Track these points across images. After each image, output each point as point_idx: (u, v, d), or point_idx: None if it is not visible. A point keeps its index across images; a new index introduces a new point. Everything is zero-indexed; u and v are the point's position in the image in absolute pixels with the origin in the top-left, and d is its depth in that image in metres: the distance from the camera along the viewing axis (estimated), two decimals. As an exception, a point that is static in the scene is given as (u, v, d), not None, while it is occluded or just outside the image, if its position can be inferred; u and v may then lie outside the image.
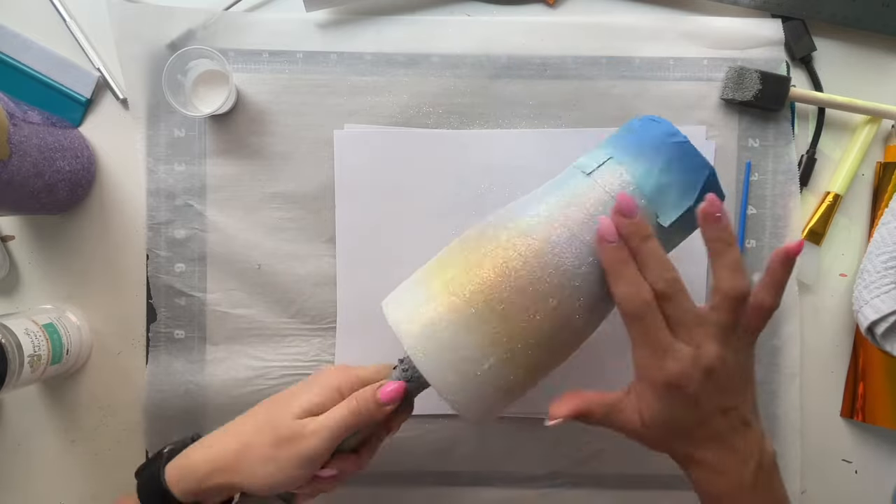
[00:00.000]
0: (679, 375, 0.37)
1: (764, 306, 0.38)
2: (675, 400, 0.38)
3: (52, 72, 0.55)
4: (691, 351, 0.37)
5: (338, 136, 0.55)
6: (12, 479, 0.56)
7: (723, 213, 0.38)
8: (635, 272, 0.38)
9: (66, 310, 0.56)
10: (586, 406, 0.40)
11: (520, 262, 0.39)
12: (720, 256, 0.38)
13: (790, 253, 0.38)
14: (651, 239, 0.38)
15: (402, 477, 0.56)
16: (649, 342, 0.38)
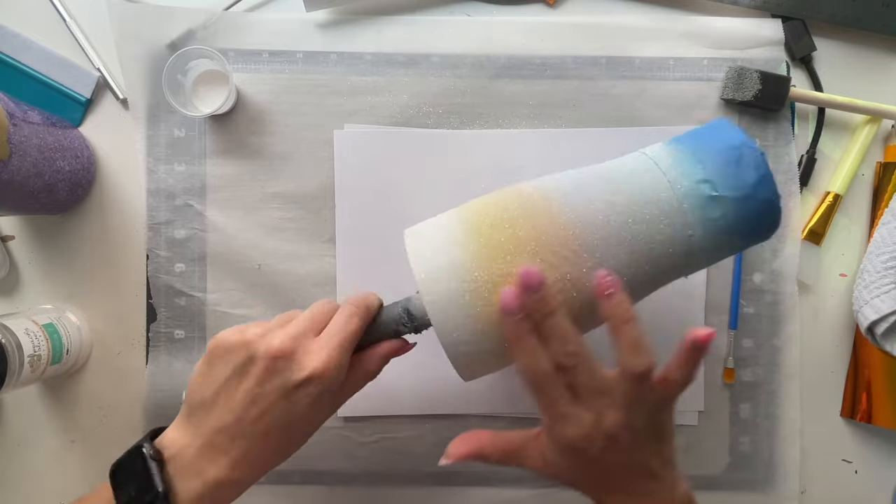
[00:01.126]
0: (579, 440, 0.38)
1: (672, 381, 0.38)
2: (577, 460, 0.39)
3: (52, 72, 0.55)
4: (592, 417, 0.37)
5: (338, 136, 0.55)
6: (12, 479, 0.56)
7: (616, 290, 0.37)
8: (534, 344, 0.38)
9: (66, 310, 0.56)
10: (481, 448, 0.41)
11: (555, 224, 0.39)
12: (618, 332, 0.37)
13: (697, 342, 0.37)
14: (554, 314, 0.37)
15: (403, 477, 0.56)
16: (548, 408, 0.38)
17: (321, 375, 0.39)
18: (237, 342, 0.40)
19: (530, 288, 0.37)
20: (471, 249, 0.40)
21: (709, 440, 0.56)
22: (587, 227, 0.39)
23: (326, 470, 0.56)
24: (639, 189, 0.41)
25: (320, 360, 0.39)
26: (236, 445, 0.39)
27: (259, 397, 0.39)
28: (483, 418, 0.56)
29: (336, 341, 0.40)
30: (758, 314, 0.56)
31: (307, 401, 0.39)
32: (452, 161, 0.55)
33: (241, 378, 0.40)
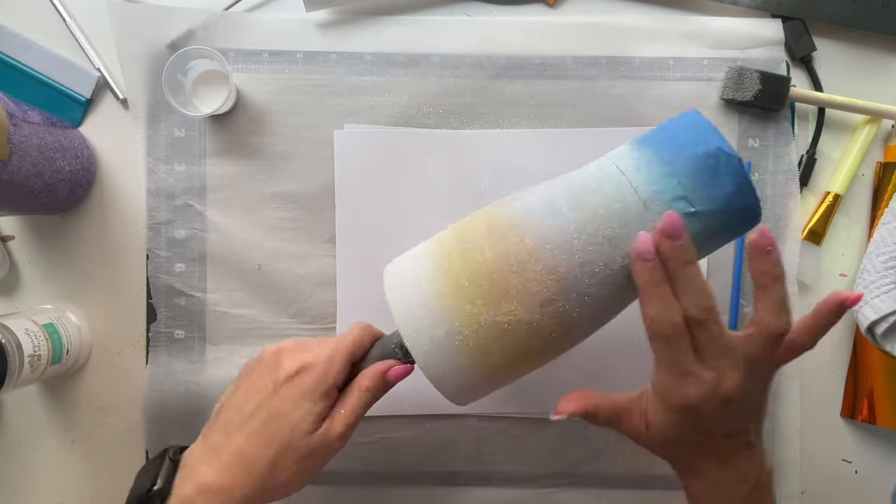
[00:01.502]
0: (697, 400, 0.37)
1: (798, 346, 0.38)
2: (687, 420, 0.38)
3: (52, 72, 0.55)
4: (713, 378, 0.37)
5: (338, 136, 0.55)
6: (12, 479, 0.56)
7: (773, 248, 0.36)
8: (669, 294, 0.37)
9: (66, 310, 0.56)
10: (594, 406, 0.41)
11: (525, 254, 0.39)
12: (766, 291, 0.36)
13: (846, 302, 0.36)
14: (692, 264, 0.37)
15: (402, 477, 0.56)
16: (672, 365, 0.37)
17: (311, 365, 0.40)
18: (258, 354, 0.44)
19: (673, 234, 0.36)
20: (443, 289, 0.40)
21: (709, 440, 0.56)
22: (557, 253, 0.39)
23: (326, 470, 0.55)
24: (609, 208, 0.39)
25: (313, 354, 0.41)
26: (231, 443, 0.40)
27: (258, 391, 0.41)
28: (482, 418, 0.56)
29: (332, 343, 0.42)
30: (758, 314, 0.56)
31: (297, 392, 0.40)
32: (452, 161, 0.55)
33: (248, 378, 0.42)
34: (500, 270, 0.39)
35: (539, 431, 0.56)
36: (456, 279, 0.39)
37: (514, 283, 0.38)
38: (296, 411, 0.40)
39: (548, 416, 0.42)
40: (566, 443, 0.56)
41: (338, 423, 0.41)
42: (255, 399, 0.41)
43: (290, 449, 0.40)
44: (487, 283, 0.39)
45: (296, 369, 0.41)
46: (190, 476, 0.40)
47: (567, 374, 0.55)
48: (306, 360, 0.41)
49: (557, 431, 0.55)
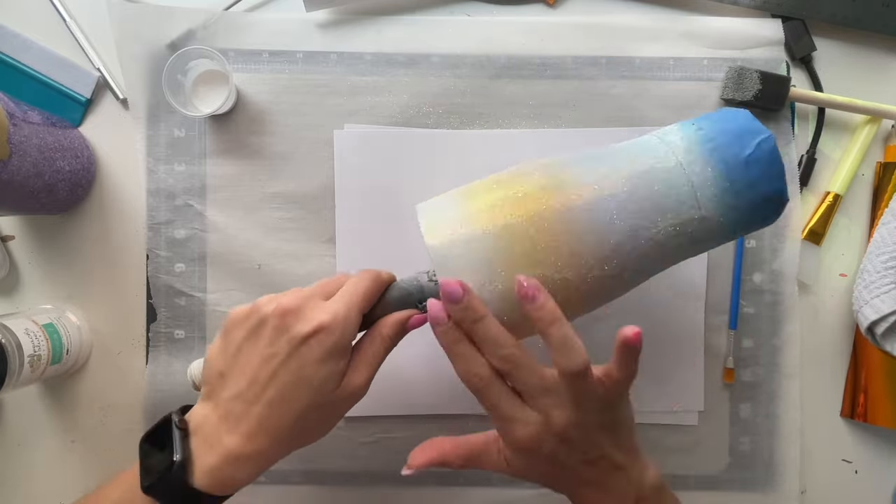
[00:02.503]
0: (529, 441, 0.38)
1: (615, 378, 0.38)
2: (532, 459, 0.39)
3: (52, 72, 0.55)
4: (539, 418, 0.38)
5: (338, 136, 0.55)
6: (12, 479, 0.56)
7: (538, 292, 0.37)
8: (469, 350, 0.38)
9: (66, 310, 0.56)
10: (442, 455, 0.41)
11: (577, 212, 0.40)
12: (547, 336, 0.37)
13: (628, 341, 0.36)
14: (483, 319, 0.38)
15: (403, 477, 0.56)
16: (495, 413, 0.39)
17: (328, 326, 0.39)
18: (248, 310, 0.41)
19: (453, 300, 0.37)
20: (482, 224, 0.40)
21: (709, 440, 0.56)
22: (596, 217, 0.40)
23: (326, 470, 0.56)
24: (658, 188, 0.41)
25: (327, 312, 0.39)
26: (252, 413, 0.39)
27: (270, 357, 0.39)
28: (483, 418, 0.55)
29: (345, 298, 0.40)
30: (758, 314, 0.56)
31: (317, 354, 0.39)
32: (452, 161, 0.55)
33: (254, 341, 0.40)
34: (552, 221, 0.39)
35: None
36: (496, 220, 0.40)
37: (563, 240, 0.39)
38: (317, 374, 0.39)
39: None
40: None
41: (360, 375, 0.41)
42: (269, 365, 0.39)
43: (313, 409, 0.39)
44: (536, 232, 0.39)
45: (311, 331, 0.39)
46: (212, 445, 0.39)
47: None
48: (321, 321, 0.39)
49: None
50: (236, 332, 0.41)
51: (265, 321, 0.40)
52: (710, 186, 0.40)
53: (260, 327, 0.40)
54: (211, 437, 0.39)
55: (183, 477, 0.38)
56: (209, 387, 0.41)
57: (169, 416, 0.41)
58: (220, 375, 0.41)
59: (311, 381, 0.39)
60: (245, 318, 0.41)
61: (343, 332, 0.39)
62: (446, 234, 0.40)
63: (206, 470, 0.38)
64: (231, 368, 0.40)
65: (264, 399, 0.39)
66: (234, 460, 0.39)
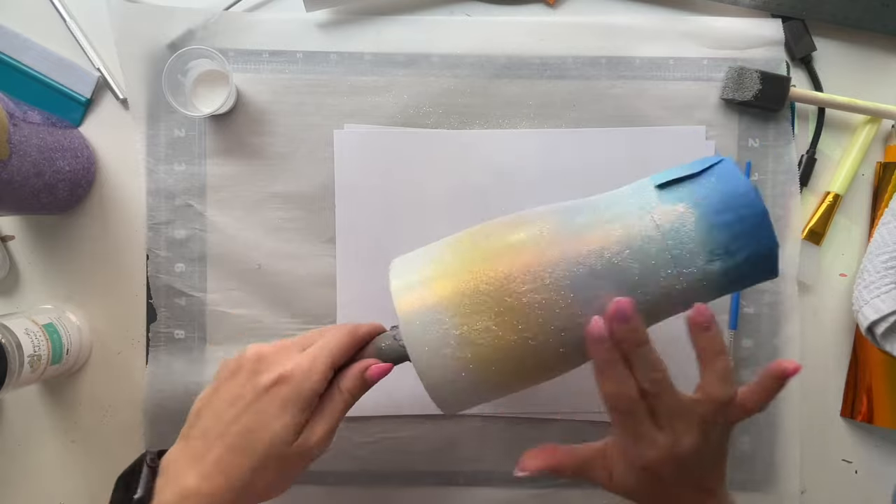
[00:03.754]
0: (655, 463, 0.39)
1: (748, 409, 0.40)
2: (646, 478, 0.40)
3: (52, 72, 0.55)
4: (670, 440, 0.39)
5: (338, 136, 0.55)
6: (12, 479, 0.56)
7: (712, 323, 0.38)
8: (623, 372, 0.38)
9: (66, 310, 0.56)
10: (557, 462, 0.43)
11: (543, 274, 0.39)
12: (710, 364, 0.38)
13: (786, 373, 0.39)
14: (645, 345, 0.38)
15: (403, 477, 0.56)
16: (630, 432, 0.39)
17: (288, 376, 0.39)
18: (236, 357, 0.42)
19: (623, 319, 0.38)
20: (448, 292, 0.40)
21: (709, 440, 0.56)
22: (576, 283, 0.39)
23: (326, 470, 0.56)
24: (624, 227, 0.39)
25: (294, 363, 0.40)
26: (212, 452, 0.39)
27: (237, 399, 0.40)
28: (483, 418, 0.56)
29: (314, 351, 0.41)
30: (758, 314, 0.56)
31: (277, 404, 0.39)
32: (452, 161, 0.55)
33: (228, 383, 0.41)
34: (512, 285, 0.39)
35: (539, 431, 0.55)
36: (466, 286, 0.39)
37: (526, 300, 0.39)
38: (275, 422, 0.39)
39: (548, 416, 0.42)
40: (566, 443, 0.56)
41: (317, 431, 0.40)
42: (234, 407, 0.40)
43: (270, 459, 0.39)
44: (498, 295, 0.39)
45: (274, 380, 0.40)
46: (171, 482, 0.39)
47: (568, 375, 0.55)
48: (285, 370, 0.40)
49: (557, 432, 0.55)
50: (220, 374, 0.42)
51: (243, 365, 0.41)
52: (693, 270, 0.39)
53: (238, 370, 0.41)
54: (173, 474, 0.40)
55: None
56: (187, 425, 0.42)
57: (145, 453, 0.42)
58: (196, 413, 0.42)
59: (268, 428, 0.39)
60: (232, 361, 0.42)
61: (303, 383, 0.40)
62: (414, 300, 0.40)
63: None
64: (205, 407, 0.41)
65: (224, 438, 0.39)
66: (187, 498, 0.38)
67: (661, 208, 0.39)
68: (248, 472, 0.39)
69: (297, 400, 0.39)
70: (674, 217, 0.39)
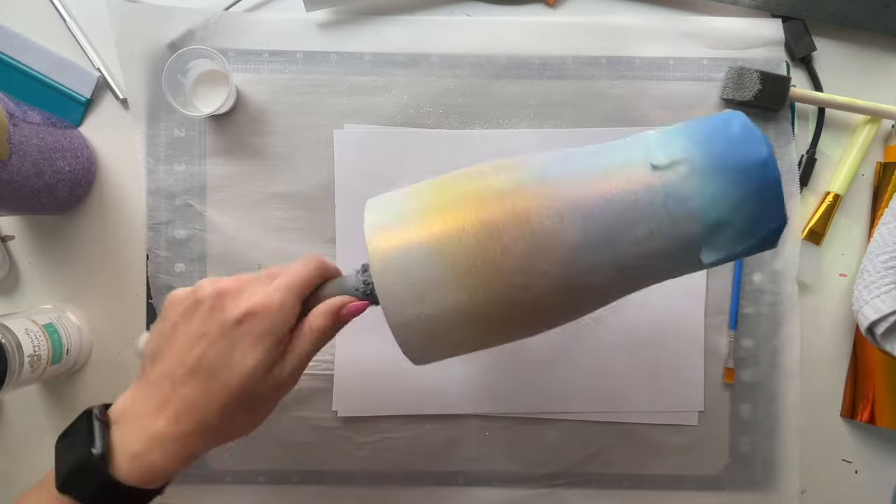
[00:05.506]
0: None
1: None
2: None
3: (52, 72, 0.55)
4: None
5: (338, 136, 0.55)
6: (12, 479, 0.56)
7: None
8: None
9: (66, 310, 0.56)
10: None
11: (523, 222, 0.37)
12: None
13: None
14: None
15: (403, 477, 0.56)
16: None
17: (261, 311, 0.37)
18: (187, 291, 0.40)
19: None
20: (428, 233, 0.38)
21: (709, 440, 0.56)
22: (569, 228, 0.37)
23: (326, 470, 0.56)
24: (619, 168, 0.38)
25: (262, 297, 0.38)
26: (179, 393, 0.37)
27: (201, 337, 0.38)
28: (483, 418, 0.56)
29: (283, 283, 0.39)
30: (758, 314, 0.56)
31: (248, 340, 0.37)
32: (452, 161, 0.55)
33: (187, 321, 0.39)
34: (499, 227, 0.37)
35: (539, 431, 0.56)
36: (447, 227, 0.37)
37: (512, 245, 0.37)
38: (247, 358, 0.37)
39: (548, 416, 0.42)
40: (566, 443, 0.56)
41: (287, 368, 0.39)
42: (199, 345, 0.38)
43: (244, 397, 0.38)
44: (483, 238, 0.37)
45: (242, 314, 0.37)
46: (136, 428, 0.37)
47: (568, 375, 0.55)
48: (253, 305, 0.38)
49: (557, 432, 0.55)
50: (173, 311, 0.39)
51: (201, 301, 0.39)
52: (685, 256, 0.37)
53: (195, 307, 0.39)
54: (134, 422, 0.37)
55: (103, 469, 0.35)
56: (142, 369, 0.40)
57: (89, 409, 0.38)
58: (152, 356, 0.39)
59: (240, 365, 0.37)
60: (184, 297, 0.39)
61: (276, 318, 0.38)
62: (389, 241, 0.38)
63: (128, 457, 0.36)
64: (163, 348, 0.39)
65: (192, 379, 0.37)
66: (159, 444, 0.36)
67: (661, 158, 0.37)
68: (220, 412, 0.37)
69: (270, 335, 0.38)
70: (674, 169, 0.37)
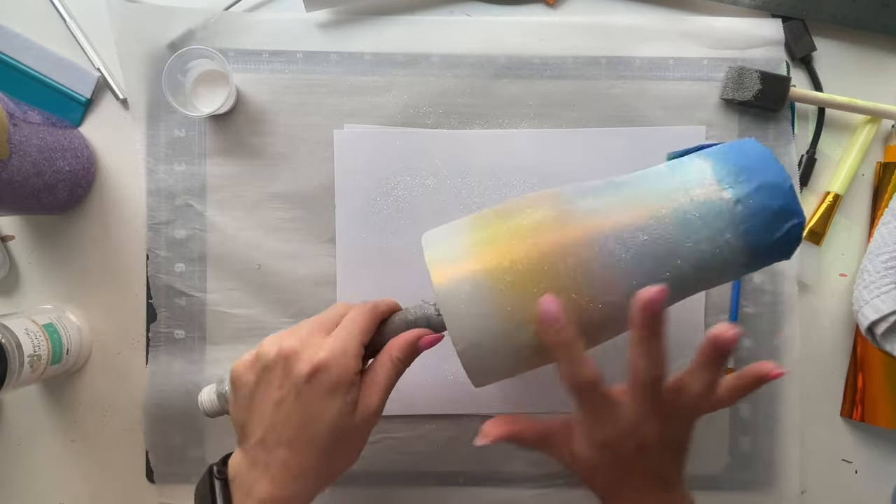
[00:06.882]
0: (615, 439, 0.39)
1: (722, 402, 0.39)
2: (604, 457, 0.40)
3: (52, 72, 0.55)
4: (633, 418, 0.38)
5: (338, 136, 0.55)
6: (12, 479, 0.56)
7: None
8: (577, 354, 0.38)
9: (66, 310, 0.56)
10: (518, 431, 0.42)
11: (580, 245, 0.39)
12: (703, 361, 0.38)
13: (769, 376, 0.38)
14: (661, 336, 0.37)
15: (404, 477, 0.56)
16: (590, 411, 0.39)
17: (326, 363, 0.39)
18: (252, 358, 0.42)
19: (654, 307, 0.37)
20: (488, 260, 0.40)
21: (709, 440, 0.56)
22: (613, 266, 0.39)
23: (326, 470, 0.56)
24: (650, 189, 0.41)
25: (325, 349, 0.40)
26: (274, 457, 0.40)
27: (281, 401, 0.40)
28: (484, 418, 0.55)
29: (342, 333, 0.41)
30: (758, 314, 0.56)
31: (321, 392, 0.39)
32: (452, 161, 0.55)
33: (264, 388, 0.41)
34: (556, 254, 0.39)
35: (539, 431, 0.56)
36: (503, 259, 0.39)
37: (568, 269, 0.39)
38: (328, 410, 0.40)
39: (547, 414, 0.42)
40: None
41: (373, 400, 0.41)
42: (281, 411, 0.40)
43: (335, 442, 0.40)
44: (537, 268, 0.39)
45: (311, 371, 0.39)
46: (248, 493, 0.40)
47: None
48: (320, 360, 0.40)
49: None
50: (244, 381, 0.42)
51: (270, 367, 0.41)
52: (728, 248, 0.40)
53: (267, 373, 0.41)
54: (245, 485, 0.40)
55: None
56: (238, 436, 0.42)
57: (211, 466, 0.42)
58: (241, 426, 0.42)
59: (323, 416, 0.40)
60: (251, 366, 0.41)
61: (343, 366, 0.40)
62: (453, 272, 0.40)
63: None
64: (249, 417, 0.41)
65: (283, 442, 0.40)
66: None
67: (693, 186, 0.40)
68: (318, 463, 0.40)
69: (341, 382, 0.40)
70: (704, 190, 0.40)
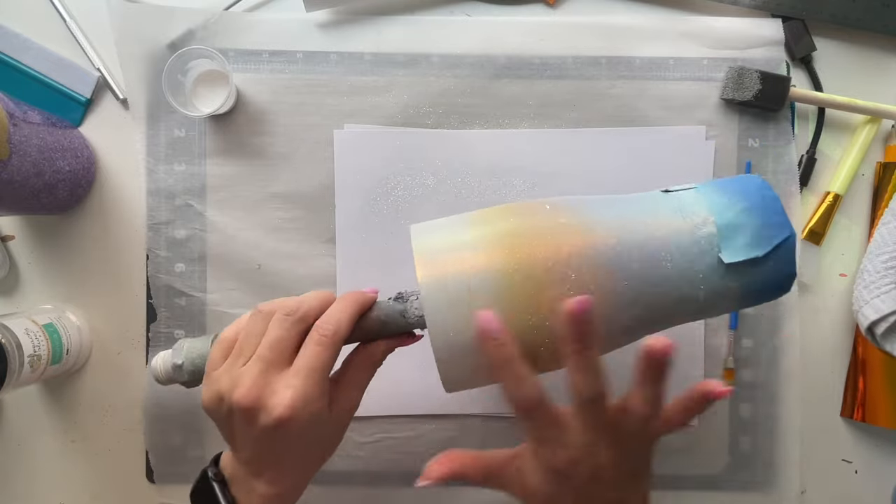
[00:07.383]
0: (567, 464, 0.36)
1: (672, 423, 0.38)
2: (558, 484, 0.37)
3: (52, 72, 0.55)
4: (582, 441, 0.36)
5: (338, 136, 0.55)
6: (12, 479, 0.56)
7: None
8: (519, 372, 0.36)
9: (66, 310, 0.56)
10: (462, 469, 0.39)
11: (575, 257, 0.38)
12: (644, 385, 0.37)
13: (712, 394, 0.37)
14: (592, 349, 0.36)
15: (403, 477, 0.56)
16: (535, 435, 0.37)
17: (290, 418, 0.38)
18: (213, 399, 0.40)
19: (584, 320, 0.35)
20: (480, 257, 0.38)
21: (709, 440, 0.56)
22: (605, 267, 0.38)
23: (326, 470, 0.55)
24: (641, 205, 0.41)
25: (286, 400, 0.38)
26: (264, 472, 0.40)
27: (257, 439, 0.39)
28: (484, 418, 0.56)
29: (303, 375, 0.39)
30: (758, 314, 0.56)
31: (294, 435, 0.39)
32: (452, 161, 0.55)
33: (234, 428, 0.40)
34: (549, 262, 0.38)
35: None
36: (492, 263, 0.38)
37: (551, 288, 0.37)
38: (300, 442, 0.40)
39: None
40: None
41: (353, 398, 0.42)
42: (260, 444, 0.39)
43: (314, 446, 0.42)
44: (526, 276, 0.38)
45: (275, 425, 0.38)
46: (249, 492, 0.40)
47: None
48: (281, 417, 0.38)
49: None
50: (216, 417, 0.41)
51: (232, 413, 0.39)
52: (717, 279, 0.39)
53: (230, 417, 0.40)
54: (244, 484, 0.41)
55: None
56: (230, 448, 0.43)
57: (205, 470, 0.42)
58: (232, 445, 0.42)
59: (299, 445, 0.40)
60: (217, 406, 0.40)
61: (309, 413, 0.38)
62: (441, 269, 0.38)
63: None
64: (232, 440, 0.41)
65: (270, 466, 0.40)
66: (271, 500, 0.40)
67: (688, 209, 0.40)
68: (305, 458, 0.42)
69: (311, 424, 0.39)
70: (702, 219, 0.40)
